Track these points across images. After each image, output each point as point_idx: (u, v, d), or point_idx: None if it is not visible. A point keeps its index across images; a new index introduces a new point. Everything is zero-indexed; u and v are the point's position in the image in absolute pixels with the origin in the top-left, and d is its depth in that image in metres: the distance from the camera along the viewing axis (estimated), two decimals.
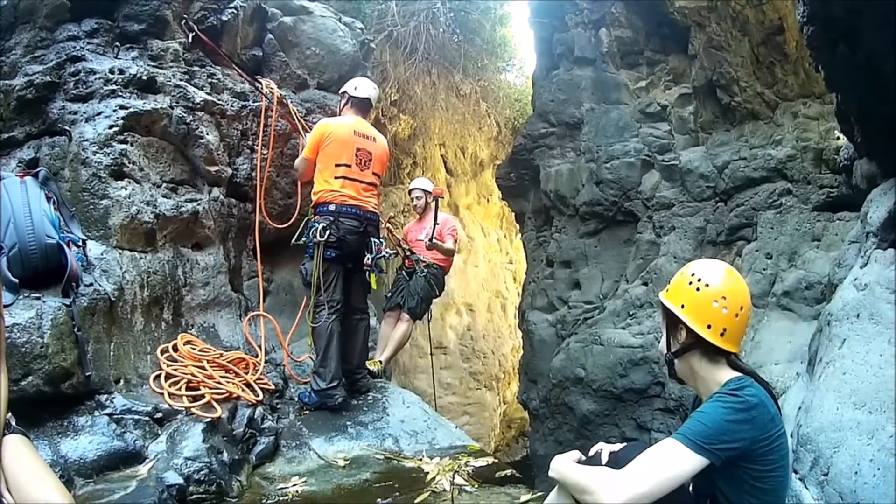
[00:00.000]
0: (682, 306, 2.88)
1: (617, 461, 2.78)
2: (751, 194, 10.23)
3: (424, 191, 8.76)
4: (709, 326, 2.81)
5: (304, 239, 6.46)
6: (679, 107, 11.54)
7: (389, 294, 8.54)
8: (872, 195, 5.22)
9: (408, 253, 8.46)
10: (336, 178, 6.49)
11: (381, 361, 7.60)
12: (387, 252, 6.94)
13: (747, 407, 2.60)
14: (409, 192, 9.08)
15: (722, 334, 2.81)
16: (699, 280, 2.87)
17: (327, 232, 6.26)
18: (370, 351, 7.50)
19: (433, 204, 8.53)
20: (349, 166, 6.54)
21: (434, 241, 8.15)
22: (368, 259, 6.61)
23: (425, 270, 8.22)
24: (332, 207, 6.42)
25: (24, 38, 6.19)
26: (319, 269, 6.30)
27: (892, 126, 4.76)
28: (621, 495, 2.46)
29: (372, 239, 6.67)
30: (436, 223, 8.24)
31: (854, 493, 3.52)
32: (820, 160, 9.57)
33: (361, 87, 7.01)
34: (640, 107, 12.05)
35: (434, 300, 8.61)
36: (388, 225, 8.64)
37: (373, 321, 7.72)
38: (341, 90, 7.15)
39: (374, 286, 6.90)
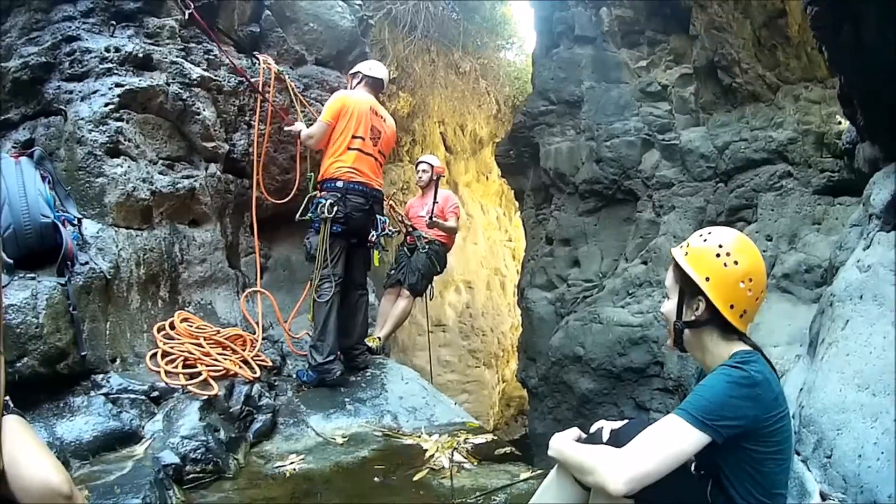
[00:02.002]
0: (707, 279, 2.72)
1: (618, 439, 2.70)
2: (751, 175, 10.19)
3: (431, 165, 8.74)
4: (731, 306, 2.70)
5: (309, 214, 6.46)
6: (680, 87, 11.49)
7: (391, 271, 8.53)
8: (875, 178, 5.20)
9: (409, 229, 8.44)
10: (351, 149, 6.52)
11: (379, 338, 7.60)
12: (390, 230, 6.97)
13: (751, 383, 2.52)
14: (417, 164, 9.09)
15: (741, 316, 2.72)
16: (728, 255, 2.72)
17: (335, 208, 6.28)
18: (369, 327, 7.48)
19: (436, 181, 8.54)
20: (363, 139, 6.59)
21: (434, 219, 8.15)
22: (373, 236, 6.65)
23: (427, 247, 8.20)
24: (339, 184, 6.43)
25: (19, 20, 6.13)
26: (326, 243, 6.30)
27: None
28: (623, 475, 2.39)
29: (377, 216, 6.73)
30: (435, 201, 8.26)
31: (858, 476, 3.50)
32: (821, 144, 9.51)
33: (376, 68, 7.12)
34: (640, 86, 12.01)
35: (435, 277, 8.61)
36: (390, 202, 8.62)
37: (371, 298, 7.69)
38: (353, 70, 7.17)
39: (376, 263, 6.92)
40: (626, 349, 10.84)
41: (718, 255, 2.73)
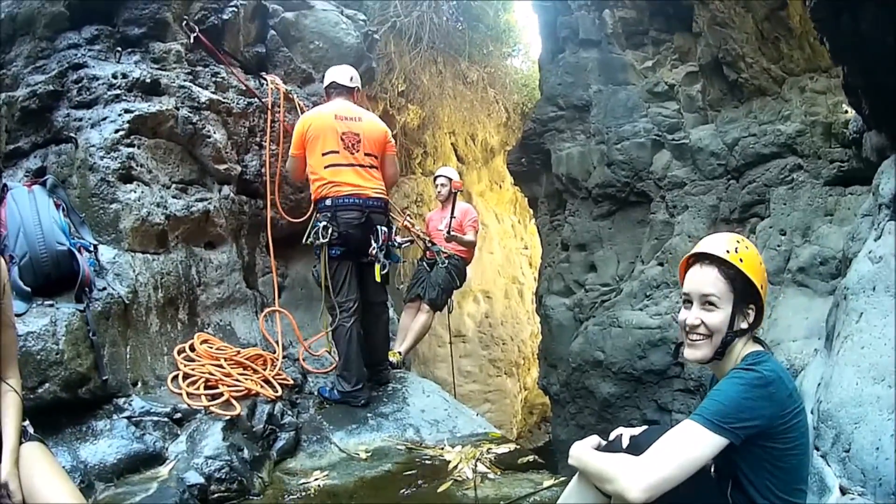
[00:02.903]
0: (762, 286, 2.81)
1: (637, 446, 2.71)
2: (762, 171, 10.15)
3: (449, 178, 8.72)
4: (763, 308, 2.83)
5: (309, 239, 6.33)
6: (686, 85, 11.46)
7: (410, 284, 8.54)
8: (883, 167, 5.17)
9: (429, 244, 8.42)
10: (326, 167, 6.28)
11: (400, 353, 7.55)
12: (397, 240, 6.75)
13: (765, 382, 2.55)
14: (435, 178, 9.04)
15: None
16: (761, 263, 2.84)
17: (329, 230, 6.11)
18: (390, 342, 7.44)
19: (454, 195, 8.51)
20: (337, 152, 6.30)
21: (453, 233, 8.14)
22: (373, 249, 6.34)
23: (446, 261, 8.18)
24: (328, 202, 6.23)
25: (24, 49, 6.19)
26: (326, 271, 6.20)
27: None
28: (641, 483, 2.41)
29: (378, 227, 6.37)
30: (453, 216, 8.22)
31: (876, 469, 3.47)
32: (829, 134, 9.47)
33: (330, 74, 6.83)
34: (647, 86, 11.99)
35: (455, 290, 8.59)
36: (406, 221, 8.61)
37: (391, 313, 7.68)
38: None
39: (377, 278, 6.53)
40: (646, 351, 10.80)
41: (762, 263, 2.82)
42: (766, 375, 2.56)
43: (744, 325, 2.82)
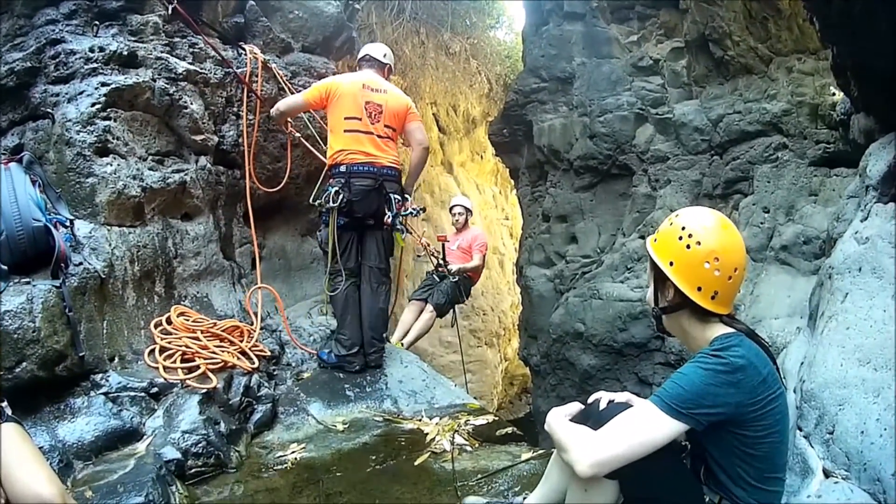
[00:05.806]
0: (671, 264, 2.75)
1: (599, 420, 2.70)
2: (746, 148, 10.19)
3: (466, 208, 9.54)
4: (699, 289, 2.70)
5: (318, 201, 6.40)
6: (671, 60, 11.48)
7: (419, 287, 9.14)
8: (871, 149, 5.14)
9: (441, 262, 8.84)
10: (346, 131, 6.40)
11: (403, 343, 7.96)
12: (415, 208, 6.76)
13: (731, 369, 2.51)
14: (451, 208, 9.82)
15: (713, 297, 2.70)
16: (690, 236, 2.71)
17: (340, 196, 6.19)
18: (387, 322, 7.12)
19: (469, 219, 9.55)
20: (359, 119, 6.44)
21: (455, 269, 8.83)
22: (388, 217, 6.42)
23: (456, 277, 8.70)
24: (342, 168, 6.33)
25: (2, 27, 6.07)
26: (334, 235, 6.25)
27: (889, 80, 4.68)
28: (591, 457, 2.46)
29: (392, 195, 6.46)
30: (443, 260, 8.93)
31: (861, 453, 3.43)
32: (816, 115, 9.50)
33: (366, 48, 7.04)
34: (631, 61, 12.00)
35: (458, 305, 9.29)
36: (422, 240, 8.90)
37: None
38: None
39: (401, 244, 6.77)
40: (627, 324, 10.85)
41: (681, 238, 2.75)
42: (732, 362, 2.53)
43: (664, 303, 2.87)
